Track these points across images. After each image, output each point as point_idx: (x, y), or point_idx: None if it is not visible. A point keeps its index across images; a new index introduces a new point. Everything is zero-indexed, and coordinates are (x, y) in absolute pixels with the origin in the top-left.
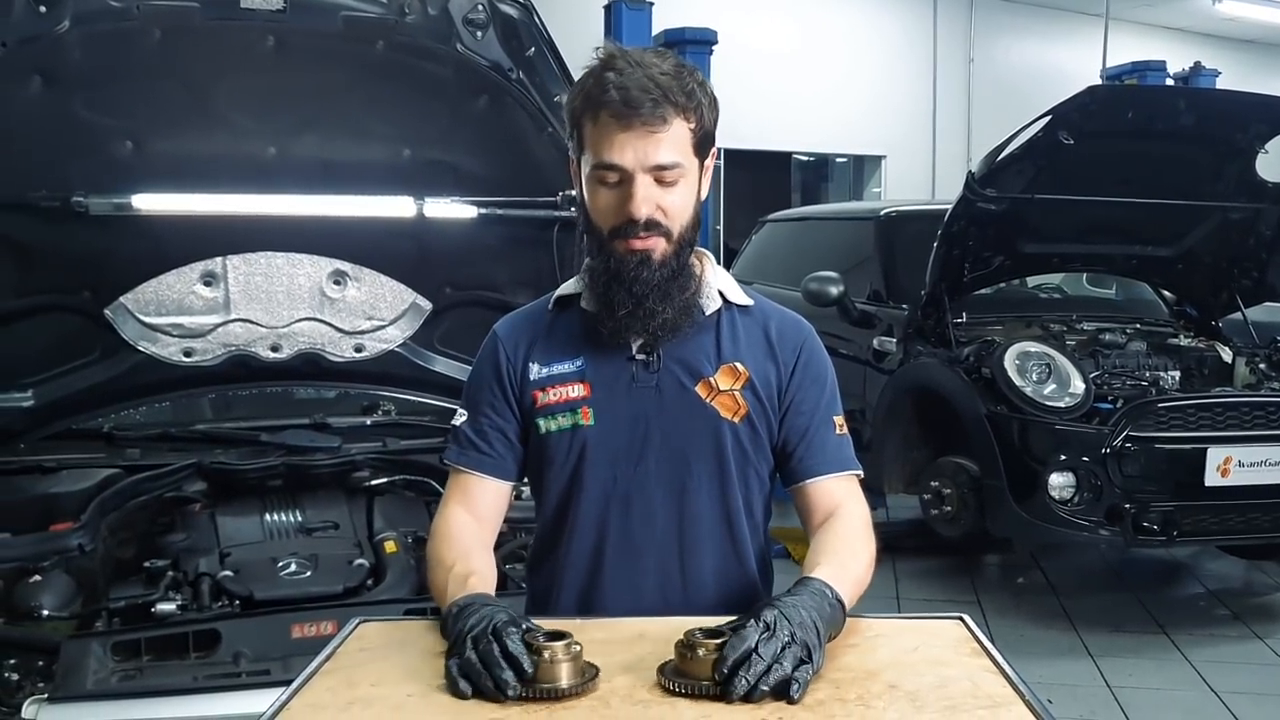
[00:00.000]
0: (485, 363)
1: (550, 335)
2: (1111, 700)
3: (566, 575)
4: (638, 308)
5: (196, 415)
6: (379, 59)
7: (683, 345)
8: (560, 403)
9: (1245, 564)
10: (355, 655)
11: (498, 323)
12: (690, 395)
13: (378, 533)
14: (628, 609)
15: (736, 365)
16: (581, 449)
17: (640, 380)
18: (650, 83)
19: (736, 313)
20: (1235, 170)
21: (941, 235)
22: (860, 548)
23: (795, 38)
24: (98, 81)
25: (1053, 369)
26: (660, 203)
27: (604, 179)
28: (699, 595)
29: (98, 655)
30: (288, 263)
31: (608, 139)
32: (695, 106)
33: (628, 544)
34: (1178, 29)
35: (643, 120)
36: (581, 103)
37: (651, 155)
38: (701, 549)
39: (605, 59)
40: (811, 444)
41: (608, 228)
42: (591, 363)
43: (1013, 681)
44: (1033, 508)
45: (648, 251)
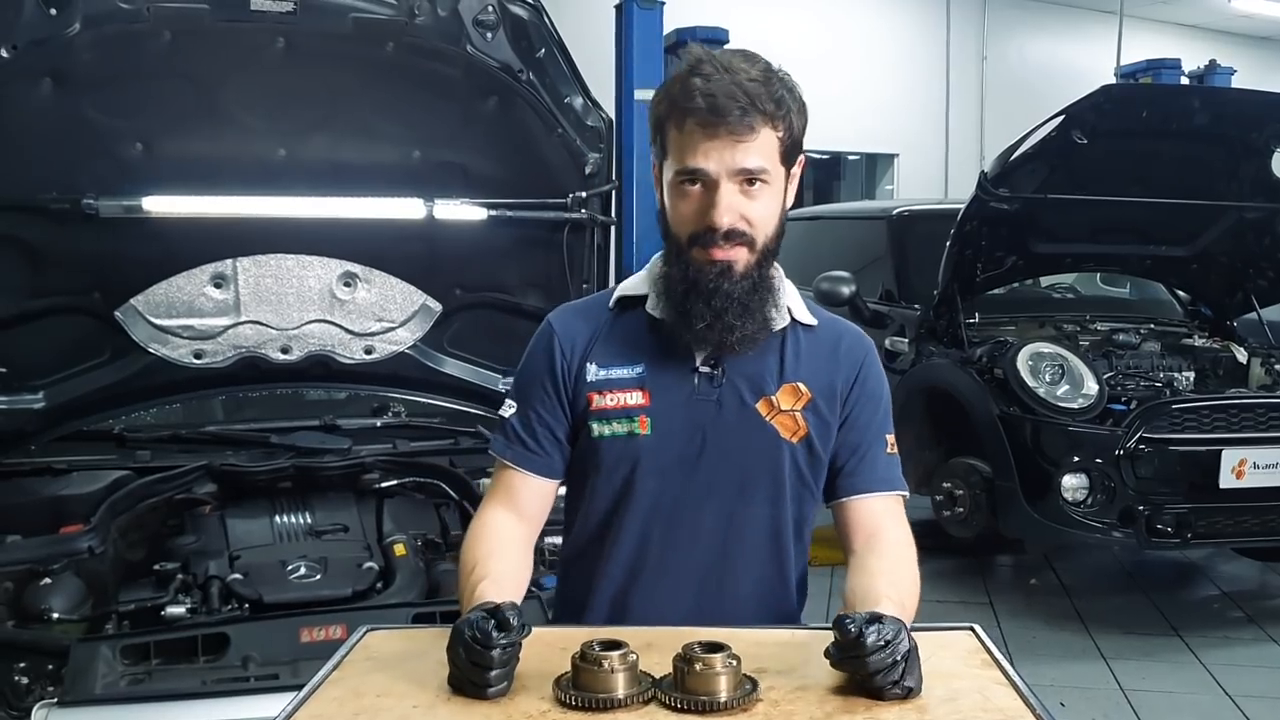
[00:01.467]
0: (539, 355)
1: (610, 336)
2: (1124, 703)
3: (603, 583)
4: (716, 320)
5: (207, 417)
6: (389, 60)
7: (748, 360)
8: (617, 409)
9: (1260, 566)
10: (361, 665)
11: (552, 314)
12: (750, 412)
13: (387, 535)
14: (661, 620)
15: (799, 385)
16: (635, 458)
17: (701, 393)
18: (738, 90)
19: (802, 331)
20: (1251, 170)
21: (954, 235)
22: (915, 580)
23: (808, 36)
24: (108, 83)
25: (1066, 370)
26: (745, 212)
27: (687, 186)
28: (736, 613)
29: (107, 658)
30: (298, 264)
31: (692, 146)
32: (784, 114)
33: (670, 558)
34: (1192, 26)
35: (729, 129)
36: (666, 108)
37: (738, 160)
38: (744, 568)
39: (692, 64)
40: (862, 461)
41: (687, 235)
42: (652, 370)
43: (1023, 694)
44: (1045, 509)
45: (729, 262)
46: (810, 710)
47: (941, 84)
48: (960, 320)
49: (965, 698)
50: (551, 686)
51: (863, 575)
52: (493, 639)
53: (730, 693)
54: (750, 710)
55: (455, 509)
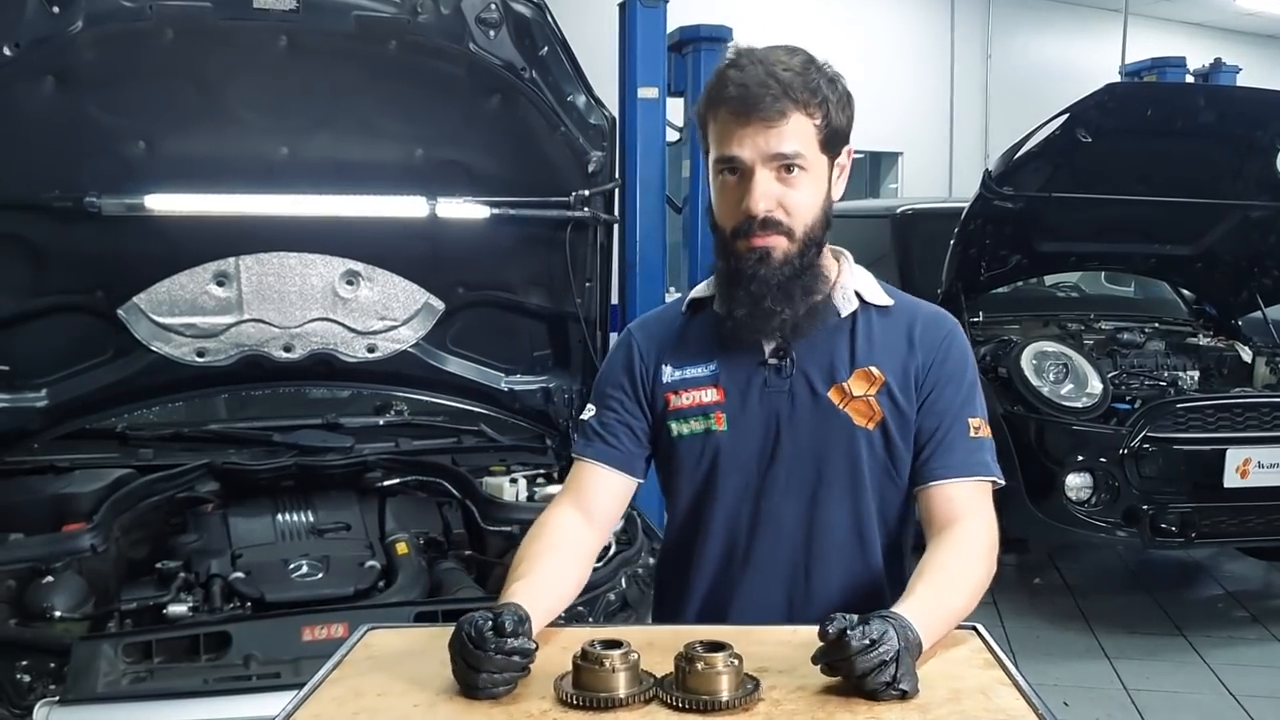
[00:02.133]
0: (617, 360)
1: (683, 338)
2: (1128, 702)
3: (696, 579)
4: (755, 307)
5: (209, 415)
6: (391, 58)
7: (816, 349)
8: (693, 407)
9: (1264, 566)
10: (362, 664)
11: (632, 323)
12: (823, 401)
13: (389, 534)
14: (755, 616)
15: (872, 370)
16: (714, 455)
17: (773, 385)
18: (770, 78)
19: (875, 314)
20: (1256, 168)
21: (958, 234)
22: (968, 574)
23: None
24: (110, 82)
25: (1070, 369)
26: (781, 200)
27: (726, 175)
28: (828, 605)
29: (108, 657)
30: (300, 263)
31: (727, 134)
32: (820, 102)
33: (757, 551)
34: (1197, 24)
35: (761, 115)
36: (706, 103)
37: (771, 145)
38: (830, 558)
39: (732, 58)
40: (940, 445)
41: (730, 227)
42: (725, 367)
43: (1027, 695)
44: (1050, 508)
45: (767, 249)
46: (812, 710)
47: (946, 82)
48: (964, 319)
49: (968, 698)
50: (553, 686)
51: (915, 573)
52: (486, 641)
53: (732, 692)
54: (751, 710)
55: (458, 508)
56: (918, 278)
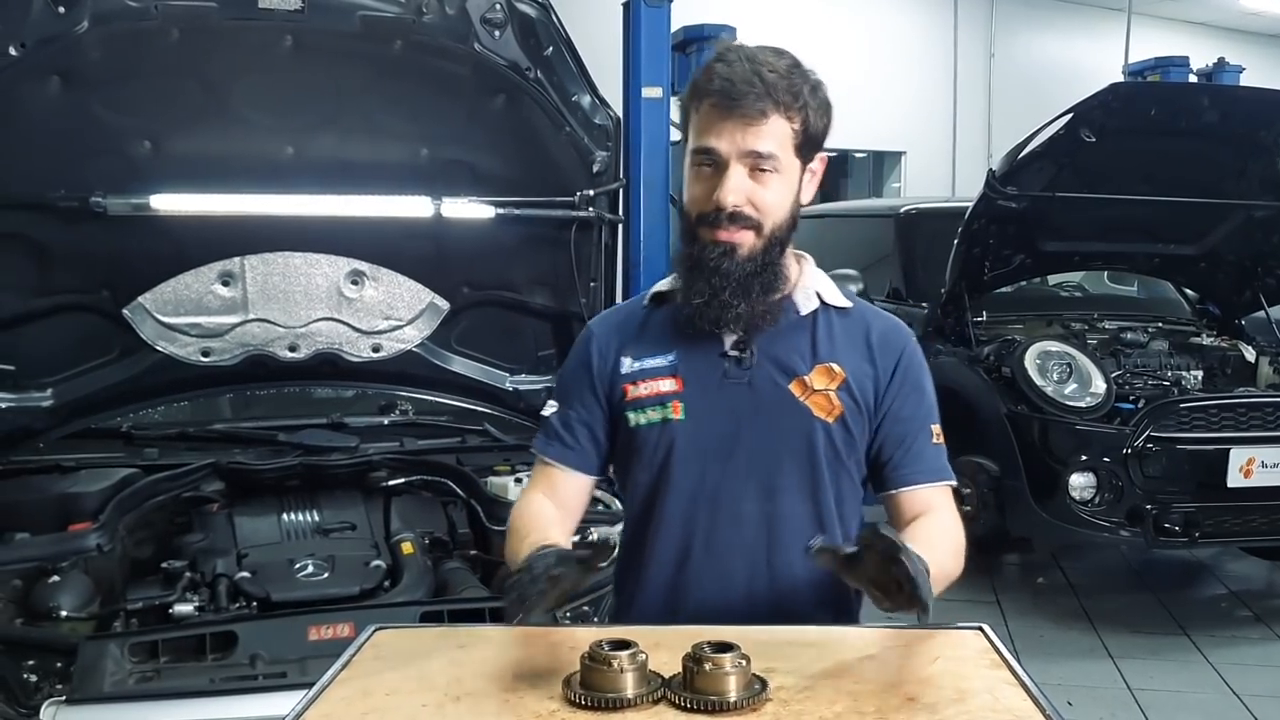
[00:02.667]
0: (579, 356)
1: (644, 330)
2: (1132, 702)
3: (651, 572)
4: (713, 298)
5: (214, 415)
6: (396, 58)
7: (777, 342)
8: (650, 396)
9: (1267, 565)
10: (370, 664)
11: (593, 319)
12: (783, 393)
13: (394, 534)
14: (714, 609)
15: (833, 366)
16: (670, 444)
17: (733, 376)
18: (756, 77)
19: (834, 314)
20: (1259, 168)
21: (962, 233)
22: (948, 553)
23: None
24: (116, 81)
25: (1074, 368)
26: (752, 196)
27: (700, 165)
28: (789, 597)
29: (115, 656)
30: (305, 262)
31: (708, 125)
32: (800, 106)
33: (716, 542)
34: (1200, 23)
35: (742, 111)
36: (690, 94)
37: (748, 143)
38: (791, 548)
39: (720, 52)
40: (909, 452)
41: (696, 214)
42: (684, 357)
43: (1034, 695)
44: (1053, 508)
45: (733, 244)
46: (820, 710)
47: (949, 82)
48: (968, 319)
49: (975, 698)
50: (560, 686)
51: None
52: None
53: (740, 692)
54: (760, 710)
55: (462, 507)
56: (921, 277)
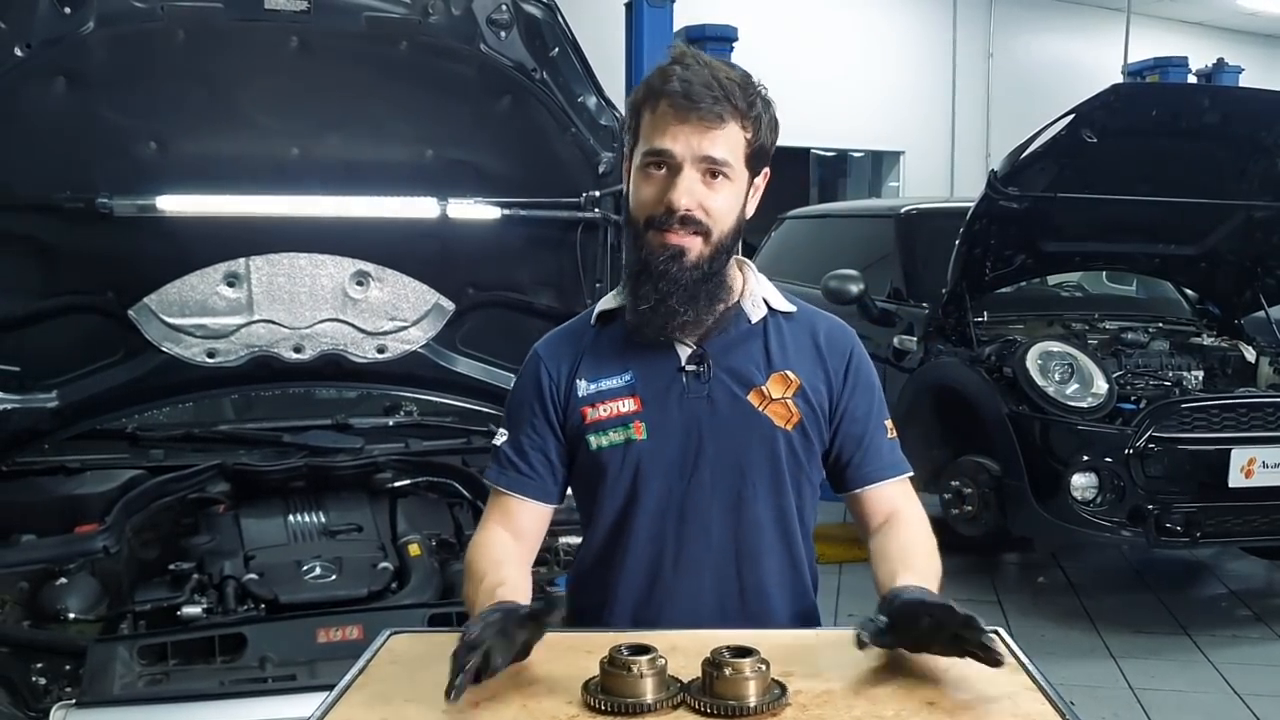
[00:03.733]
0: (527, 382)
1: (596, 350)
2: (1134, 702)
3: (621, 590)
4: (660, 304)
5: (219, 416)
6: (402, 59)
7: (732, 353)
8: (612, 418)
9: (1267, 565)
10: (387, 669)
11: (538, 342)
12: (743, 404)
13: (401, 535)
14: (687, 621)
15: (788, 373)
16: (636, 464)
17: (692, 391)
18: (714, 81)
19: (782, 320)
20: (1260, 168)
21: (963, 234)
22: (933, 557)
23: (815, 33)
24: (122, 82)
25: (1075, 369)
26: (704, 201)
27: (652, 168)
28: (759, 606)
29: (124, 659)
30: (310, 263)
31: (663, 127)
32: (754, 117)
33: (685, 557)
34: (1199, 24)
35: (700, 115)
36: (644, 93)
37: (703, 147)
38: (760, 559)
39: (675, 56)
40: (868, 450)
41: (644, 218)
42: (641, 376)
43: (1054, 701)
44: (1055, 508)
45: (682, 248)
46: (839, 714)
47: (947, 81)
48: (969, 319)
49: (994, 703)
50: (580, 691)
51: (883, 562)
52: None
53: (759, 697)
54: (779, 715)
55: (468, 508)
56: (922, 277)
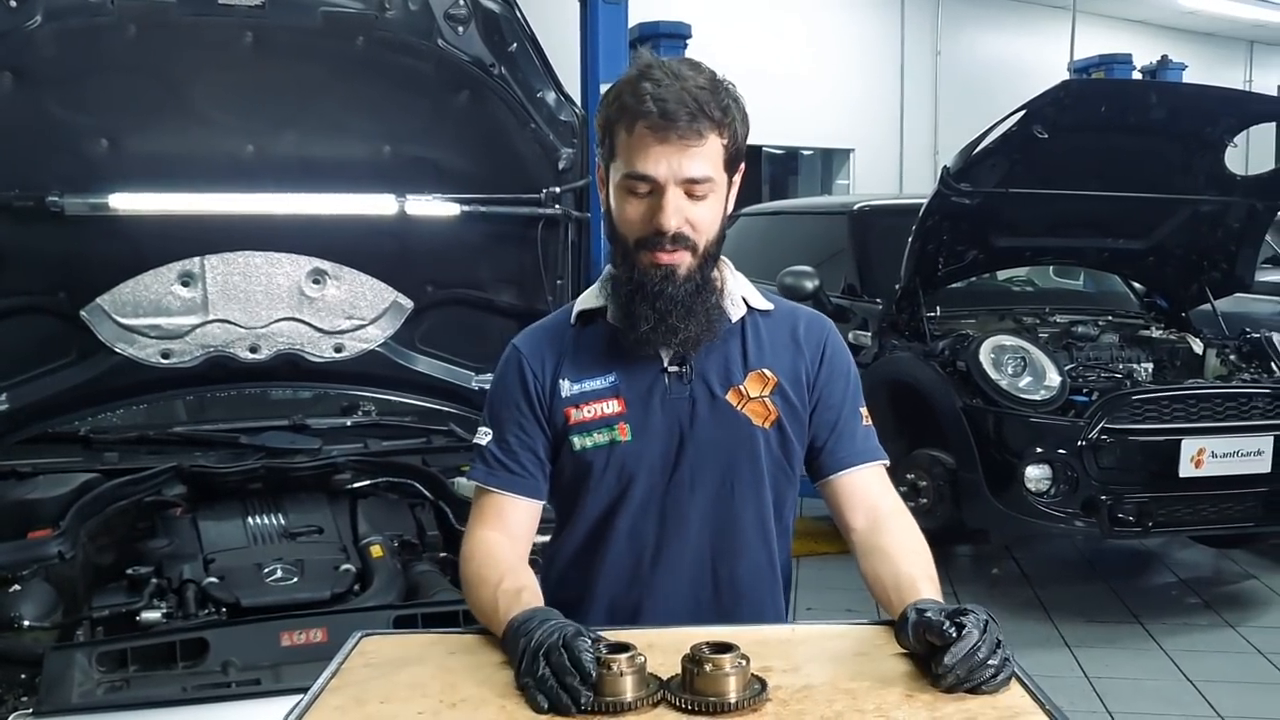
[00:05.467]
0: (509, 379)
1: (578, 350)
2: (1090, 691)
3: (599, 587)
4: (660, 323)
5: (174, 418)
6: (359, 55)
7: (712, 354)
8: (596, 419)
9: (1214, 553)
10: (361, 671)
11: (517, 338)
12: (722, 404)
13: (362, 537)
14: (663, 619)
15: (765, 371)
16: (620, 465)
17: (674, 392)
18: (688, 96)
19: (760, 318)
20: (1205, 164)
21: (916, 230)
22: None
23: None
24: (72, 78)
25: (1028, 362)
26: (689, 216)
27: (634, 189)
28: (733, 603)
29: (82, 666)
30: (266, 262)
31: (642, 150)
32: (730, 122)
33: (664, 556)
34: (1140, 22)
35: (679, 134)
36: (616, 111)
37: (685, 169)
38: (737, 557)
39: (642, 69)
40: (841, 436)
41: (634, 238)
42: (624, 377)
43: (1032, 690)
44: (1009, 500)
45: (673, 266)
46: (819, 709)
47: (896, 79)
48: (922, 314)
49: (973, 696)
50: None
51: (884, 560)
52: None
53: (740, 693)
54: (760, 710)
55: (430, 509)
56: (875, 273)
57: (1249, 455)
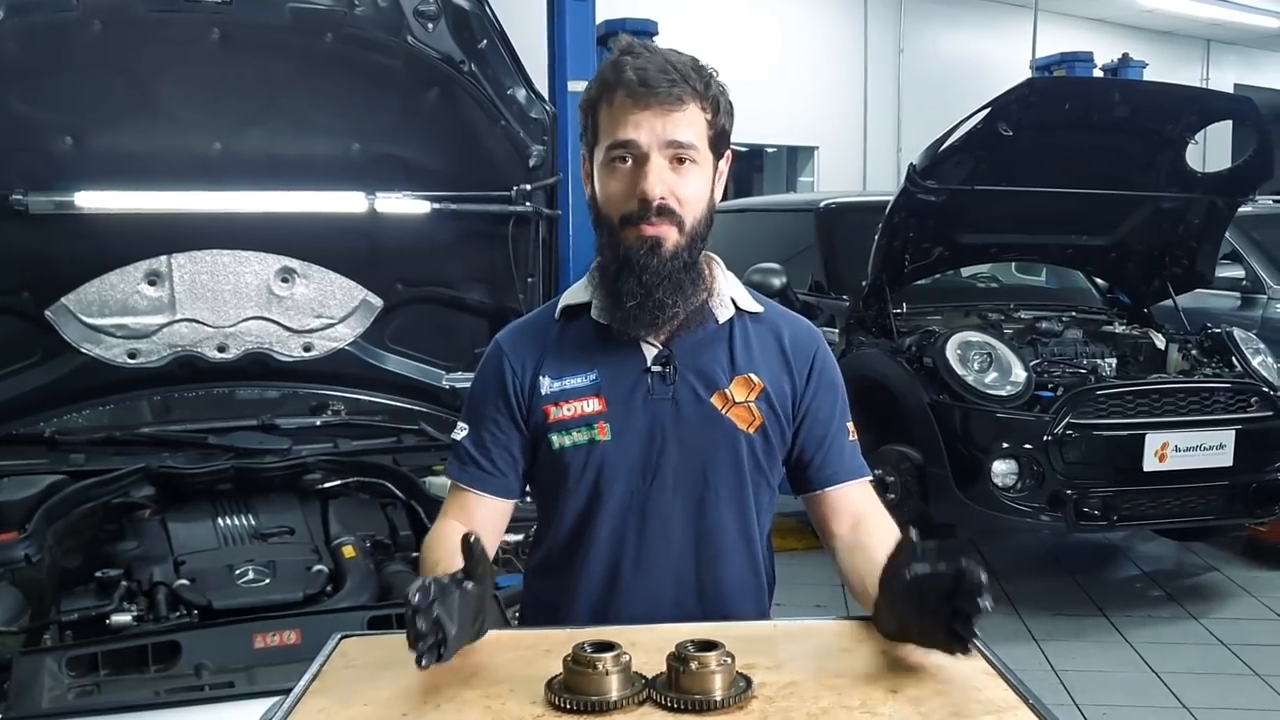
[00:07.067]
0: (489, 375)
1: (560, 347)
2: (1057, 683)
3: (581, 588)
4: (647, 298)
5: (141, 418)
6: (328, 51)
7: (698, 355)
8: (575, 418)
9: (1177, 546)
10: (342, 673)
11: (500, 334)
12: (706, 407)
13: (335, 537)
14: (642, 622)
15: (751, 376)
16: (599, 466)
17: (657, 393)
18: (668, 65)
19: (749, 320)
20: (1166, 161)
21: (883, 227)
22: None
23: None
24: (35, 74)
25: (994, 358)
26: (674, 188)
27: (618, 161)
28: (716, 608)
29: (52, 671)
30: (234, 260)
31: (624, 118)
32: (712, 97)
33: (645, 558)
34: (1101, 20)
35: (659, 99)
36: (598, 89)
37: (668, 131)
38: (720, 561)
39: (624, 48)
40: (830, 452)
41: (619, 215)
42: (606, 376)
43: (1014, 685)
44: (976, 495)
45: (659, 238)
46: (806, 706)
47: (860, 77)
48: (889, 311)
49: (957, 690)
50: (544, 689)
51: (865, 557)
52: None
53: (725, 691)
54: (746, 708)
55: (402, 509)
56: (842, 270)
57: (1211, 449)
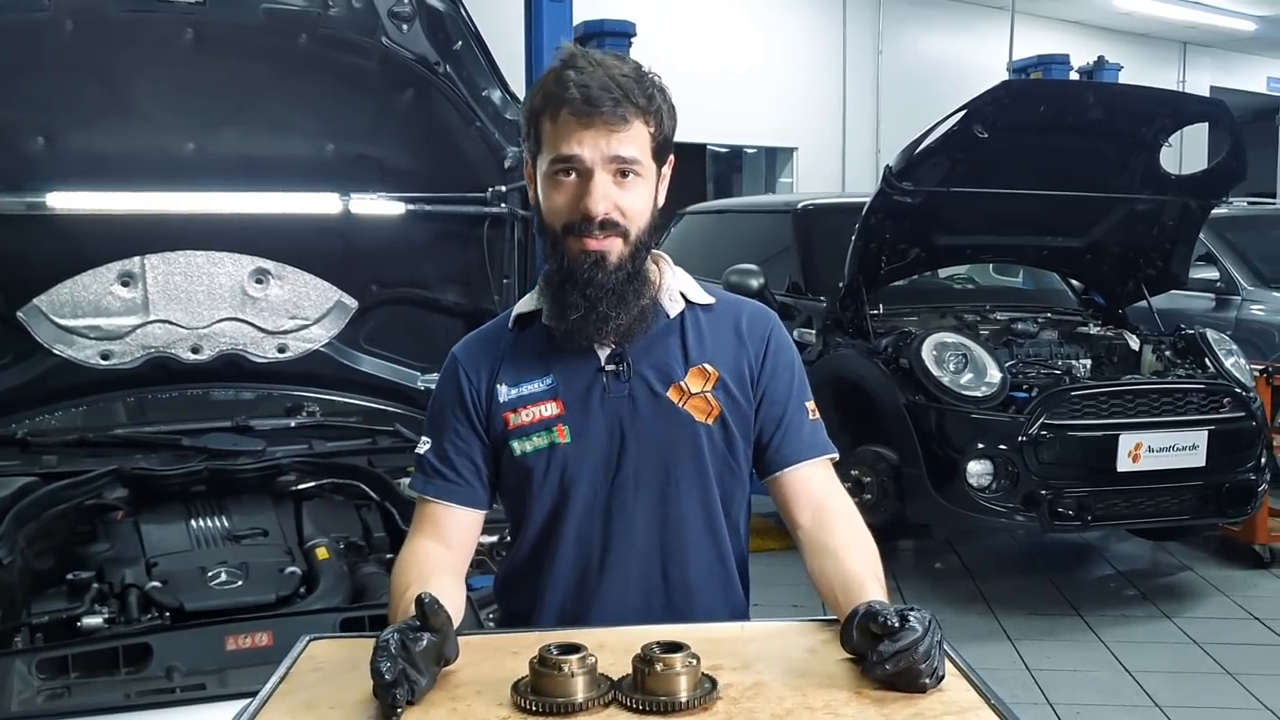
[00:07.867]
0: (447, 388)
1: (515, 354)
2: (1031, 682)
3: (550, 592)
4: (591, 311)
5: (114, 420)
6: (302, 52)
7: (651, 351)
8: (534, 423)
9: (1151, 545)
10: (309, 676)
11: (456, 346)
12: (663, 401)
13: (308, 539)
14: (612, 621)
15: (705, 367)
16: (561, 468)
17: (612, 391)
18: (612, 82)
19: (700, 312)
20: (1141, 163)
21: (860, 228)
22: (875, 552)
23: (709, 30)
24: (6, 74)
25: (969, 359)
26: (618, 202)
27: (561, 176)
28: (685, 602)
29: (22, 674)
30: (208, 261)
31: (568, 135)
32: (655, 110)
33: (612, 557)
34: (1077, 22)
35: (604, 118)
36: (541, 101)
37: (612, 147)
38: (686, 555)
39: (566, 58)
40: (787, 431)
41: (561, 224)
42: (562, 379)
43: (979, 687)
44: (952, 495)
45: (603, 252)
46: (770, 707)
47: (839, 78)
48: (865, 312)
49: (923, 695)
50: (510, 692)
51: (831, 559)
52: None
53: (690, 692)
54: (711, 709)
55: (376, 510)
56: (819, 271)
57: (1184, 449)
